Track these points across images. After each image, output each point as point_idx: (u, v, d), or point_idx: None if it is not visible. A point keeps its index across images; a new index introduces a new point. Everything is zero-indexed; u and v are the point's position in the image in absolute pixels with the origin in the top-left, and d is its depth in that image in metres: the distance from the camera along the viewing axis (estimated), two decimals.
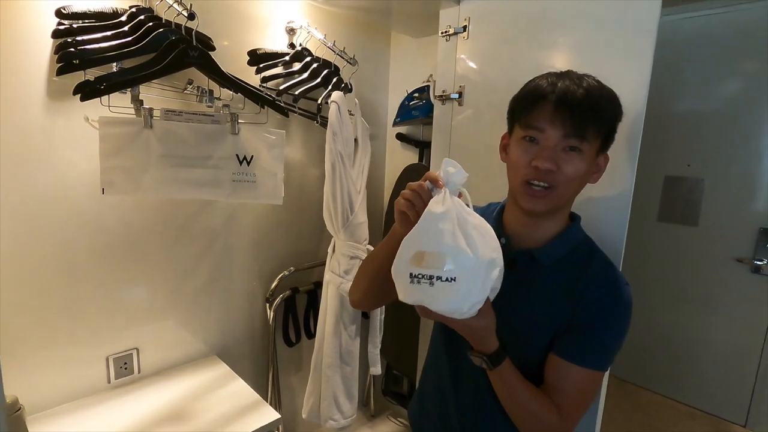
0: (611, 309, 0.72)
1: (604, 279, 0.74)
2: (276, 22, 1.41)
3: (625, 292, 0.73)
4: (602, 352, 0.72)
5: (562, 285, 0.75)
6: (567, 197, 0.74)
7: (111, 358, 1.20)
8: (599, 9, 1.05)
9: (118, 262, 1.17)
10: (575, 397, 0.72)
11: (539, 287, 0.77)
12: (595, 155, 0.71)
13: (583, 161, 0.70)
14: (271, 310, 1.52)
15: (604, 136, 0.71)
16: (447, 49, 1.39)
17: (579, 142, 0.68)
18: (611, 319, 0.72)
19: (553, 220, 0.77)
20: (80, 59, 0.93)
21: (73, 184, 1.06)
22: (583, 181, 0.73)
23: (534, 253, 0.77)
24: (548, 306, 0.75)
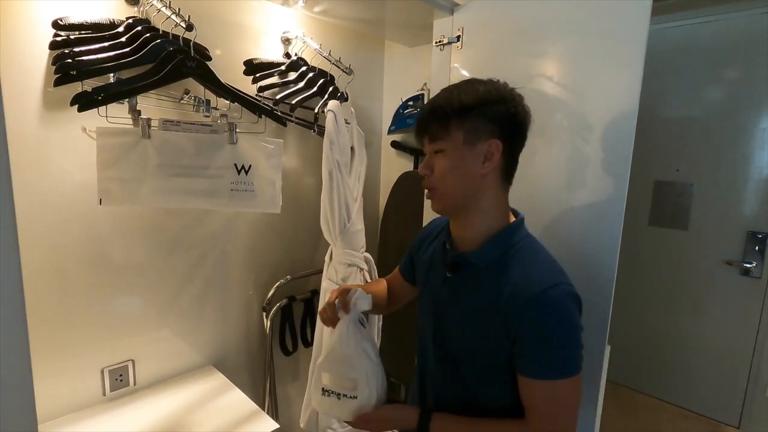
0: (541, 319, 0.69)
1: (527, 284, 0.71)
2: (271, 32, 1.42)
3: (551, 294, 0.69)
4: (553, 361, 0.70)
5: (492, 290, 0.74)
6: (453, 193, 0.76)
7: (106, 370, 1.18)
8: (590, 18, 1.07)
9: (113, 272, 1.16)
10: (547, 410, 0.71)
11: (474, 291, 0.77)
12: (463, 146, 0.73)
13: (447, 159, 0.75)
14: (267, 319, 1.51)
15: (465, 128, 0.73)
16: (441, 58, 1.41)
17: (436, 144, 0.75)
18: (544, 330, 0.69)
19: (473, 219, 0.77)
20: (77, 70, 0.93)
21: (69, 194, 1.06)
22: (462, 173, 0.75)
23: (467, 256, 0.78)
24: (480, 311, 0.75)
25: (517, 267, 0.73)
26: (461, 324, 0.79)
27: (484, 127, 0.73)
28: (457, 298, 0.80)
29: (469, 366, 0.79)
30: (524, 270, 0.73)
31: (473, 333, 0.77)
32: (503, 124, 0.74)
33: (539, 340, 0.69)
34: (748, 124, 1.83)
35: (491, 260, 0.76)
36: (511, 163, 0.78)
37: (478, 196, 0.76)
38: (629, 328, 2.10)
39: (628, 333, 2.10)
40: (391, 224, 1.86)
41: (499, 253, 0.76)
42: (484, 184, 0.76)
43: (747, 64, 1.81)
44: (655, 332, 2.12)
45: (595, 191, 1.09)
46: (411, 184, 1.76)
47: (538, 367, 0.70)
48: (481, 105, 0.73)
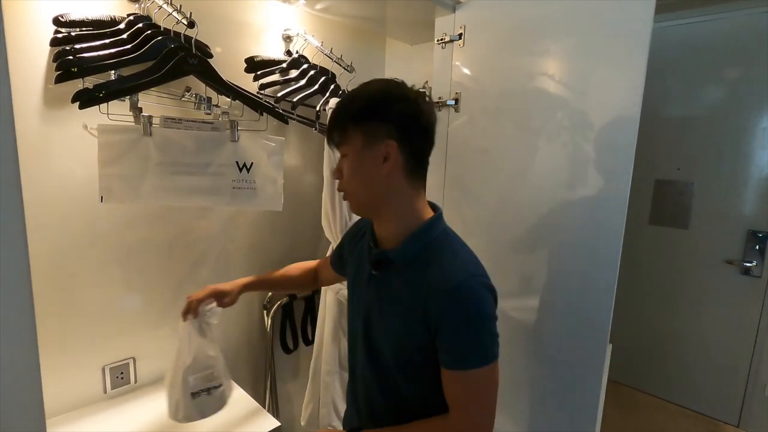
0: (456, 311, 0.71)
1: (444, 278, 0.73)
2: (272, 29, 1.42)
3: (465, 287, 0.72)
4: (468, 352, 0.72)
5: (413, 286, 0.76)
6: (361, 195, 0.79)
7: (107, 367, 1.18)
8: (593, 17, 1.07)
9: (114, 269, 1.16)
10: (466, 400, 0.74)
11: (396, 288, 0.79)
12: (363, 149, 0.75)
13: (350, 162, 0.77)
14: (268, 317, 1.51)
15: (362, 132, 0.75)
16: (443, 56, 1.41)
17: (340, 149, 0.79)
18: (458, 321, 0.71)
19: (389, 217, 0.79)
20: (78, 67, 0.93)
21: (70, 191, 1.05)
22: (363, 175, 0.76)
23: (389, 253, 0.79)
24: (403, 307, 0.77)
25: (435, 262, 0.75)
26: (386, 321, 0.81)
27: (380, 129, 0.74)
28: (381, 296, 0.81)
29: (398, 366, 0.80)
30: (441, 265, 0.74)
31: (398, 330, 0.78)
32: (399, 125, 0.74)
33: (455, 331, 0.72)
34: (749, 123, 1.83)
35: (411, 257, 0.77)
36: (416, 162, 0.77)
37: (387, 197, 0.77)
38: (629, 326, 2.11)
39: (628, 331, 2.10)
40: None
41: (419, 250, 0.77)
42: (391, 185, 0.76)
43: (748, 63, 1.81)
44: (654, 331, 2.12)
45: (596, 190, 1.09)
46: None
47: (454, 358, 0.73)
48: (374, 107, 0.75)
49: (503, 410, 1.35)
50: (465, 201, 1.43)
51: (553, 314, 1.21)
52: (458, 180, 1.43)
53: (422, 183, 0.81)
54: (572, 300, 1.14)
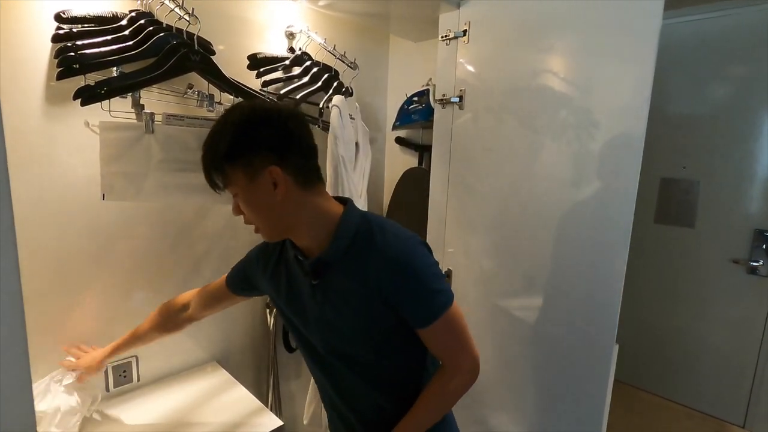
0: (408, 274, 0.74)
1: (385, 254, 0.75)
2: (275, 26, 1.41)
3: (406, 251, 0.75)
4: (434, 301, 0.76)
5: (358, 274, 0.77)
6: (271, 225, 0.78)
7: (110, 366, 1.18)
8: (600, 13, 1.06)
9: (116, 267, 1.16)
10: (452, 342, 0.79)
11: (343, 285, 0.79)
12: (249, 185, 0.74)
13: (243, 200, 0.77)
14: (271, 316, 1.51)
15: (241, 167, 0.73)
16: (447, 53, 1.39)
17: (228, 190, 0.78)
18: (414, 282, 0.75)
19: (306, 230, 0.79)
20: (80, 63, 0.92)
21: (72, 189, 1.05)
22: (262, 208, 0.76)
23: (322, 258, 0.78)
24: (357, 298, 0.78)
25: (369, 246, 0.76)
26: (345, 321, 0.80)
27: (256, 159, 0.73)
28: (331, 300, 0.81)
29: (377, 356, 0.82)
30: (376, 246, 0.76)
31: (360, 322, 0.79)
32: (273, 148, 0.73)
33: (414, 294, 0.75)
34: (755, 121, 1.81)
35: (343, 252, 0.78)
36: (305, 173, 0.77)
37: (293, 216, 0.77)
38: (634, 325, 2.09)
39: (633, 331, 2.08)
40: (396, 220, 1.84)
41: (348, 243, 0.77)
42: (290, 205, 0.76)
43: (755, 60, 1.79)
44: (659, 330, 2.11)
45: (603, 189, 1.07)
46: (416, 180, 1.75)
47: (424, 316, 0.76)
48: (242, 140, 0.73)
49: (510, 410, 1.34)
50: (469, 199, 1.41)
51: (559, 314, 1.19)
52: (462, 178, 1.42)
53: (319, 185, 0.80)
54: (579, 300, 1.12)
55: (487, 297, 1.38)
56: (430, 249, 0.80)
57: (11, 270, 0.35)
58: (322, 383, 0.93)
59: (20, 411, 0.37)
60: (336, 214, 0.79)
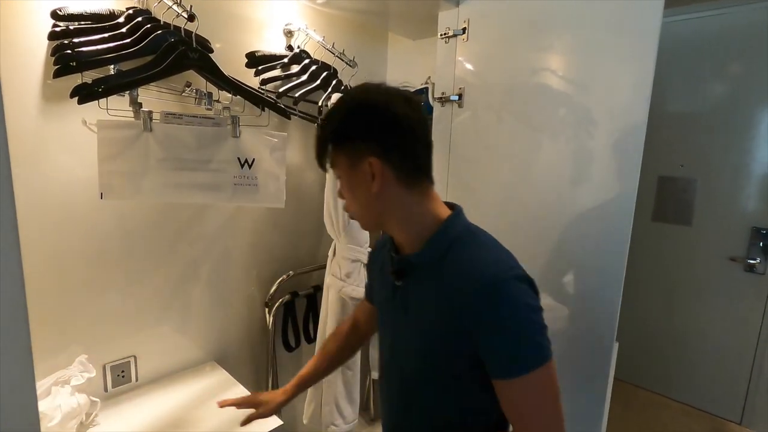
0: (496, 308, 0.63)
1: (475, 275, 0.66)
2: (273, 24, 1.40)
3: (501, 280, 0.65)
4: (520, 353, 0.63)
5: (440, 289, 0.70)
6: (365, 214, 0.75)
7: (108, 366, 1.17)
8: (600, 12, 1.05)
9: (114, 267, 1.15)
10: (529, 409, 0.65)
11: (422, 295, 0.73)
12: (350, 171, 0.71)
13: (343, 184, 0.74)
14: (270, 315, 1.50)
15: (345, 153, 0.71)
16: (446, 51, 1.39)
17: (333, 171, 0.75)
18: (497, 322, 0.63)
19: (401, 230, 0.74)
20: (77, 61, 0.91)
21: (70, 188, 1.04)
22: (359, 196, 0.72)
23: (410, 258, 0.73)
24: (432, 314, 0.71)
25: (461, 260, 0.68)
26: (416, 334, 0.74)
27: (359, 147, 0.69)
28: (407, 307, 0.75)
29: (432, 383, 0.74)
30: (469, 261, 0.68)
31: (430, 342, 0.71)
32: (377, 139, 0.68)
33: (497, 333, 0.63)
34: (753, 119, 1.82)
35: (434, 259, 0.71)
36: (410, 169, 0.71)
37: (388, 211, 0.72)
38: (631, 323, 2.10)
39: (631, 328, 2.09)
40: None
41: (441, 251, 0.70)
42: (388, 200, 0.71)
43: (752, 58, 1.79)
44: (657, 328, 2.11)
45: (603, 187, 1.07)
46: None
47: (504, 364, 0.64)
48: (348, 127, 0.70)
49: None
50: (468, 197, 1.41)
51: (559, 312, 1.19)
52: (461, 176, 1.42)
53: (426, 185, 0.74)
54: (579, 298, 1.13)
55: None
56: (536, 290, 0.68)
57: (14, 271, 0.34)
58: (382, 388, 0.88)
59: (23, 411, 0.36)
60: (438, 219, 0.72)
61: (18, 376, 0.37)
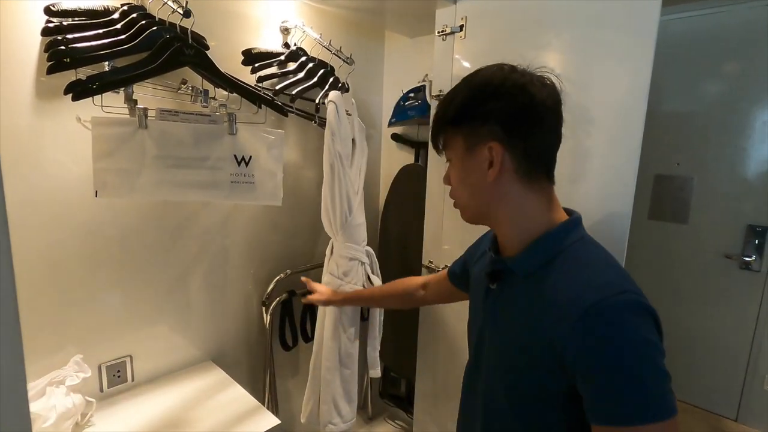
0: (603, 338, 0.53)
1: (580, 294, 0.56)
2: (270, 21, 1.39)
3: (613, 305, 0.54)
4: (630, 398, 0.51)
5: (535, 302, 0.62)
6: (472, 204, 0.69)
7: (104, 366, 1.16)
8: (597, 10, 1.05)
9: (110, 266, 1.14)
10: None
11: (514, 305, 0.66)
12: (465, 154, 0.66)
13: (455, 169, 0.70)
14: (267, 314, 1.49)
15: (463, 135, 0.66)
16: (443, 48, 1.38)
17: (445, 153, 0.71)
18: (601, 356, 0.53)
19: (505, 228, 0.68)
20: (71, 57, 0.90)
21: (63, 186, 1.03)
22: (471, 183, 0.67)
23: (507, 261, 0.67)
24: (522, 330, 0.64)
25: (566, 274, 0.60)
26: (501, 352, 0.68)
27: (480, 130, 0.64)
28: (496, 317, 0.69)
29: (516, 410, 0.65)
30: (575, 277, 0.59)
31: (515, 361, 0.64)
32: (503, 123, 0.62)
33: (600, 370, 0.52)
34: (749, 118, 1.82)
35: (534, 267, 0.63)
36: (532, 162, 0.64)
37: (497, 204, 0.66)
38: None
39: None
40: (392, 218, 1.84)
41: (544, 259, 0.63)
42: (499, 191, 0.65)
43: (748, 56, 1.80)
44: None
45: (600, 186, 1.07)
46: (412, 177, 1.74)
47: (605, 408, 0.52)
48: (472, 106, 0.64)
49: None
50: None
51: None
52: None
53: (546, 184, 0.67)
54: None
55: None
56: (659, 324, 0.57)
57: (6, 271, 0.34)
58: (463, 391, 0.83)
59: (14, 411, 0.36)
60: (549, 223, 0.65)
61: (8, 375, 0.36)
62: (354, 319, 1.45)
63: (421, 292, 1.10)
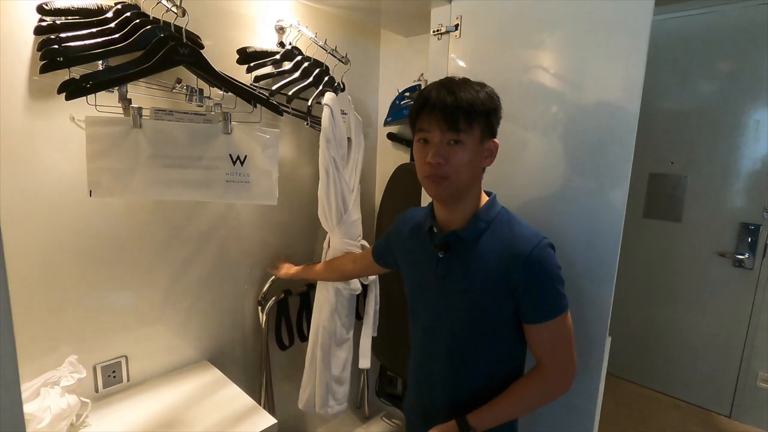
0: (538, 272, 0.81)
1: (519, 246, 0.82)
2: (265, 20, 1.39)
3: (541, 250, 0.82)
4: (552, 304, 0.82)
5: (493, 251, 0.84)
6: (463, 183, 0.83)
7: (99, 366, 1.16)
8: (591, 10, 1.06)
9: (105, 266, 1.13)
10: (555, 347, 0.84)
11: (472, 259, 0.86)
12: (480, 143, 0.82)
13: (465, 152, 0.81)
14: (263, 314, 1.49)
15: (481, 127, 0.81)
16: (439, 48, 1.38)
17: (457, 135, 0.80)
18: (541, 281, 0.82)
19: (465, 202, 0.86)
20: (65, 57, 0.90)
21: (58, 186, 1.02)
22: (474, 166, 0.83)
23: (459, 233, 0.86)
24: (484, 271, 0.84)
25: (503, 233, 0.85)
26: (461, 298, 0.87)
27: (494, 127, 0.84)
28: (454, 275, 0.87)
29: (473, 338, 0.88)
30: (511, 234, 0.84)
31: (477, 302, 0.85)
32: (498, 124, 0.86)
33: (538, 290, 0.82)
34: (742, 117, 1.84)
35: (479, 233, 0.85)
36: None
37: (474, 185, 0.86)
38: (621, 318, 2.12)
39: (620, 324, 2.11)
40: (387, 218, 1.84)
41: (484, 226, 0.86)
42: (481, 176, 0.88)
43: (741, 56, 1.82)
44: (647, 323, 2.14)
45: (595, 184, 1.08)
46: (407, 177, 1.74)
47: (541, 312, 0.82)
48: (495, 108, 0.83)
49: None
50: None
51: None
52: None
53: None
54: (571, 293, 1.13)
55: None
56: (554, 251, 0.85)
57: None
58: (416, 356, 1.01)
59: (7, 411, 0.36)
60: (484, 198, 0.89)
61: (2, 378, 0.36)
62: (350, 310, 1.49)
63: (350, 266, 1.31)
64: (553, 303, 0.82)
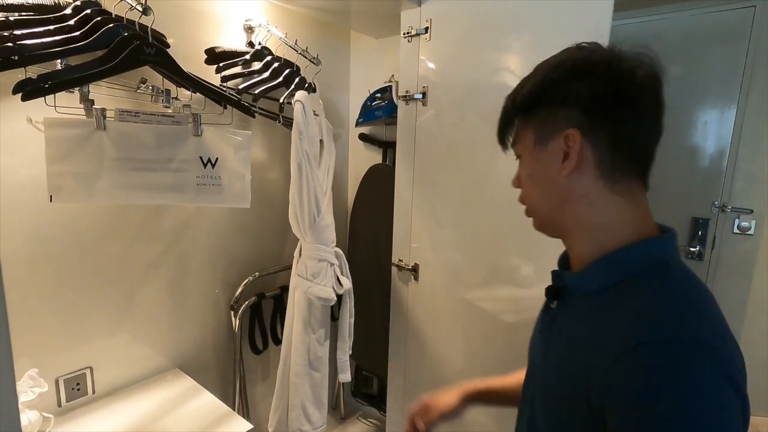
0: (631, 384, 0.41)
1: (626, 329, 0.45)
2: (233, 19, 1.36)
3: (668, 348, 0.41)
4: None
5: (586, 330, 0.51)
6: (542, 207, 0.58)
7: (61, 379, 1.11)
8: (553, 13, 1.10)
9: (65, 273, 1.08)
10: None
11: (566, 329, 0.56)
12: (536, 146, 0.56)
13: (523, 166, 0.60)
14: (236, 318, 1.47)
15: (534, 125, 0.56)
16: (409, 50, 1.41)
17: (514, 149, 0.62)
18: (634, 401, 0.41)
19: (577, 238, 0.56)
20: (19, 55, 0.84)
21: (15, 191, 0.97)
22: (541, 181, 0.57)
23: (566, 277, 0.58)
24: (565, 357, 0.53)
25: (631, 302, 0.47)
26: (542, 368, 0.59)
27: (555, 117, 0.53)
28: (549, 335, 0.60)
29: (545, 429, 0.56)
30: (637, 308, 0.46)
31: (552, 398, 0.55)
32: (587, 107, 0.51)
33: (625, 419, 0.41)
34: (692, 118, 1.96)
35: (596, 288, 0.52)
36: (619, 156, 0.52)
37: (572, 206, 0.54)
38: None
39: None
40: (360, 219, 1.85)
41: (610, 280, 0.51)
42: (575, 190, 0.53)
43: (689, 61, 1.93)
44: None
45: None
46: (380, 177, 1.75)
47: None
48: (545, 89, 0.54)
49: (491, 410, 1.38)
50: (434, 194, 1.44)
51: (530, 306, 1.24)
52: (427, 173, 1.44)
53: (636, 186, 0.55)
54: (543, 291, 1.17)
55: (455, 290, 1.42)
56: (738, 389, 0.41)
57: None
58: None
59: None
60: (632, 236, 0.52)
61: None
62: (324, 320, 1.45)
63: None
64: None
